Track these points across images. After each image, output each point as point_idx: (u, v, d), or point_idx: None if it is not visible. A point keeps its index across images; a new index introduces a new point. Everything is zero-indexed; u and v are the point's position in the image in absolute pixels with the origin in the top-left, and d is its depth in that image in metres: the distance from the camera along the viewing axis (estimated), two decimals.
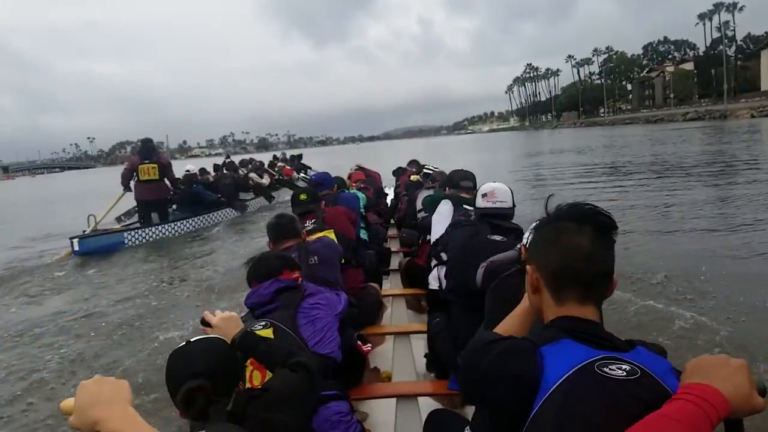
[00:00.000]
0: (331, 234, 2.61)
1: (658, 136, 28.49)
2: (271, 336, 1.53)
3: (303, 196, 2.93)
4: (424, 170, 5.35)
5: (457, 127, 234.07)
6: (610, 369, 0.81)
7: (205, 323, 1.43)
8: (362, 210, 4.11)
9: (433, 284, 2.70)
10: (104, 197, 10.17)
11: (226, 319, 1.40)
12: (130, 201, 8.86)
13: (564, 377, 0.80)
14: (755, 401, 0.79)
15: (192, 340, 1.19)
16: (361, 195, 4.33)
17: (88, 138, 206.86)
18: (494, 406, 0.88)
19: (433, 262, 2.77)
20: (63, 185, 41.49)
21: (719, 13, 76.65)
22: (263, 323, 1.58)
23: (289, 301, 1.71)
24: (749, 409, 0.78)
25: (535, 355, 0.84)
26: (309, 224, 2.75)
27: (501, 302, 1.48)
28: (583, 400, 0.79)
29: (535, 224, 1.63)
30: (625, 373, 0.80)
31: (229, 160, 12.58)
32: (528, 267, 1.01)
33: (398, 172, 6.49)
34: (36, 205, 21.59)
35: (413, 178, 5.31)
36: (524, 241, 1.67)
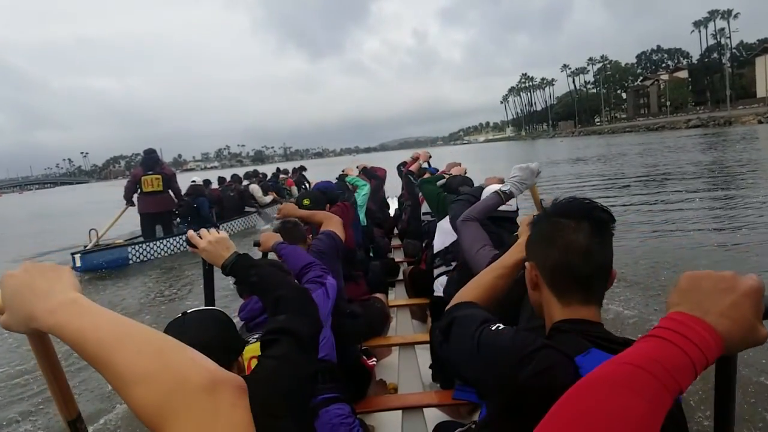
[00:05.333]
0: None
1: (672, 144, 26.60)
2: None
3: (306, 202, 2.80)
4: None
5: (453, 138, 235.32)
6: None
7: (191, 245, 1.40)
8: (361, 215, 3.81)
9: (439, 291, 2.71)
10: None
11: (216, 242, 1.34)
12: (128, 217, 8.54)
13: None
14: (758, 335, 0.61)
15: (188, 311, 1.10)
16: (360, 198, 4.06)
17: (82, 153, 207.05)
18: (528, 416, 0.81)
19: (436, 271, 2.79)
20: (47, 203, 40.64)
21: (714, 21, 76.89)
22: (256, 336, 1.53)
23: None
24: (748, 344, 0.62)
25: (572, 367, 0.82)
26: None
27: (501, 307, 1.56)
28: None
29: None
30: None
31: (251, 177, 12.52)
32: (527, 264, 1.00)
33: (401, 167, 6.12)
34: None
35: (418, 165, 5.21)
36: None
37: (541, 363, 0.81)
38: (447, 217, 2.81)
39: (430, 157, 5.89)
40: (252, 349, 1.48)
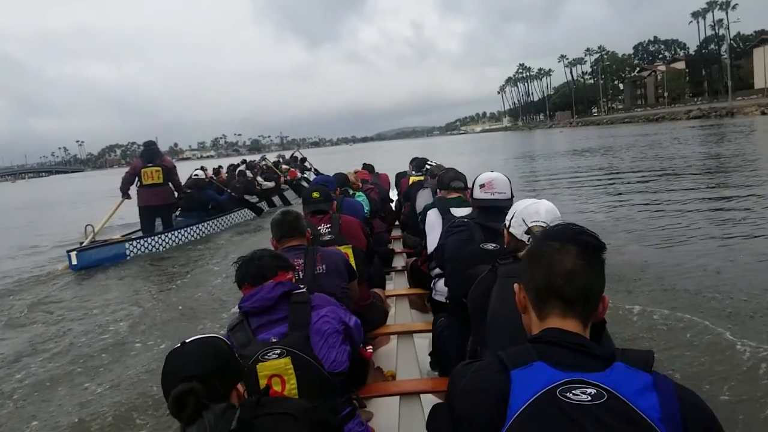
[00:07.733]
0: (348, 250, 2.60)
1: (680, 136, 25.10)
2: (289, 365, 1.49)
3: (316, 194, 2.85)
4: (426, 166, 5.42)
5: (450, 128, 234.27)
6: (573, 394, 0.80)
7: None
8: (366, 213, 4.07)
9: (437, 293, 2.79)
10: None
11: None
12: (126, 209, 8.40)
13: (525, 404, 0.81)
14: None
15: (187, 340, 1.15)
16: (365, 201, 4.31)
17: (77, 142, 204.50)
18: (467, 422, 0.89)
19: (433, 273, 2.83)
20: (43, 192, 40.66)
21: (713, 11, 76.37)
22: (278, 351, 1.49)
23: (299, 319, 1.58)
24: None
25: (504, 374, 0.86)
26: (325, 231, 2.73)
27: (479, 302, 1.53)
28: (542, 428, 0.79)
29: (517, 204, 1.67)
30: (589, 398, 0.79)
31: (244, 164, 12.33)
32: (515, 286, 1.04)
33: (399, 177, 6.54)
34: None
35: (413, 179, 5.34)
36: (506, 222, 1.68)
37: (474, 368, 0.93)
38: (430, 214, 2.93)
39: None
40: (271, 367, 1.48)
